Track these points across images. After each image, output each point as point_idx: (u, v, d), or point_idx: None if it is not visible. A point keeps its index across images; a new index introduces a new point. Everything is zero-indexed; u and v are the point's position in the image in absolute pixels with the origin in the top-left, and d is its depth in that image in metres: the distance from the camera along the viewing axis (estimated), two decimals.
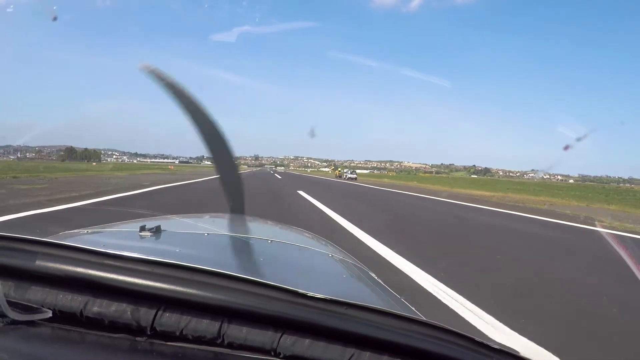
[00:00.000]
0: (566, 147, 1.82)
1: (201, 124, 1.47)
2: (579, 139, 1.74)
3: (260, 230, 1.54)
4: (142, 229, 0.95)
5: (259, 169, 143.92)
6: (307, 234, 1.54)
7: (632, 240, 7.37)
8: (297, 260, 1.10)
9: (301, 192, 16.41)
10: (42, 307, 0.57)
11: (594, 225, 9.63)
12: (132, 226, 1.05)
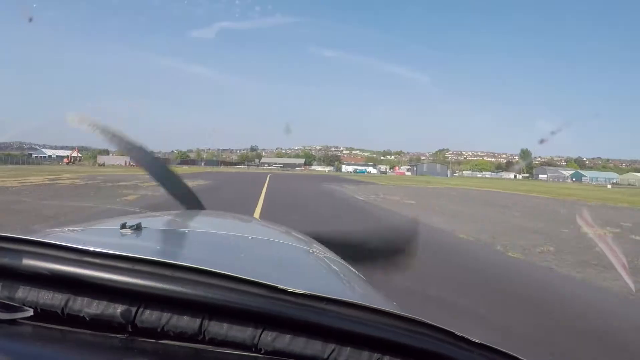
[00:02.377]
0: (542, 141, 1.87)
1: (135, 153, 1.77)
2: (553, 133, 1.80)
3: (241, 227, 1.57)
4: (123, 226, 0.97)
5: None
6: (287, 230, 1.56)
7: None
8: (277, 256, 1.12)
9: None
10: (23, 305, 0.59)
11: None
12: (113, 224, 1.07)
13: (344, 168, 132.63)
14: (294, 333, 0.58)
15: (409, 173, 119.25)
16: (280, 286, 0.58)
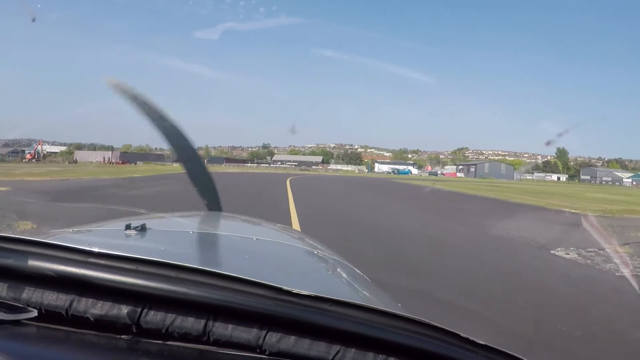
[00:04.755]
0: (548, 143, 1.88)
1: (165, 129, 1.73)
2: (560, 135, 1.80)
3: (246, 228, 1.60)
4: (128, 227, 1.00)
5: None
6: (292, 232, 1.59)
7: None
8: (282, 257, 1.15)
9: None
10: (28, 306, 0.61)
11: None
12: (118, 225, 1.10)
13: (377, 167, 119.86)
14: (299, 334, 0.60)
15: (461, 174, 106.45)
16: (285, 287, 0.59)
